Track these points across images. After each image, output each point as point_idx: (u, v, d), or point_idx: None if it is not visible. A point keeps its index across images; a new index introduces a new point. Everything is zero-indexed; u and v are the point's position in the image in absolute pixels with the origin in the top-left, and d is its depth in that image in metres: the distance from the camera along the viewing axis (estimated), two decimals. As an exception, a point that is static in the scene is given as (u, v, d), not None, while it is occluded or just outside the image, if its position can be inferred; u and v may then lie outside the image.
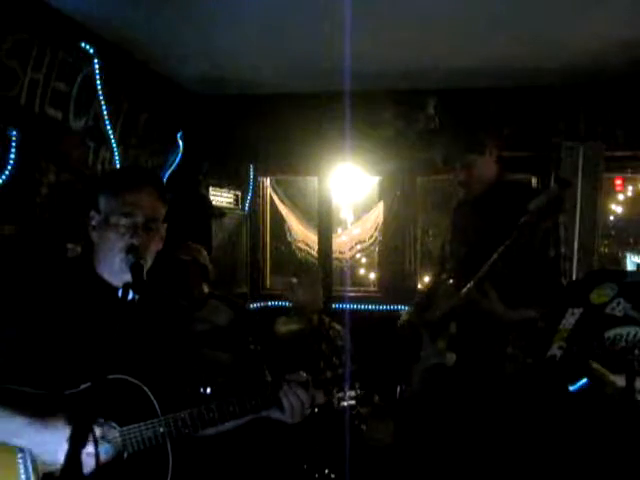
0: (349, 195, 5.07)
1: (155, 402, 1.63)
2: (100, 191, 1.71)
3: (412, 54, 3.65)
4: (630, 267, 5.29)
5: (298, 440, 2.89)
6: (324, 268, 4.29)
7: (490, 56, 3.65)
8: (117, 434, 1.56)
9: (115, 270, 1.64)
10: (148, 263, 1.66)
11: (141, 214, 1.66)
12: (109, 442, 1.54)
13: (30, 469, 1.49)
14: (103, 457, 1.51)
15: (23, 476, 1.48)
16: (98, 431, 1.50)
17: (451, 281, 2.60)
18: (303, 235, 5.06)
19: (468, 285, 2.41)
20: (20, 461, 1.49)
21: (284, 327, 3.53)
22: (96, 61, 3.23)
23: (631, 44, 3.38)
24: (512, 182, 2.65)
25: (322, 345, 3.33)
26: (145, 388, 1.62)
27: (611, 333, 1.91)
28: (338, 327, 3.55)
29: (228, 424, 1.72)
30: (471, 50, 3.55)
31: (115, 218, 1.64)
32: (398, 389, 2.76)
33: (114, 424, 1.57)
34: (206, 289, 3.35)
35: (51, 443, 1.44)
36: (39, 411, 1.48)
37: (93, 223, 1.70)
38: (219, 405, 1.67)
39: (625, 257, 5.42)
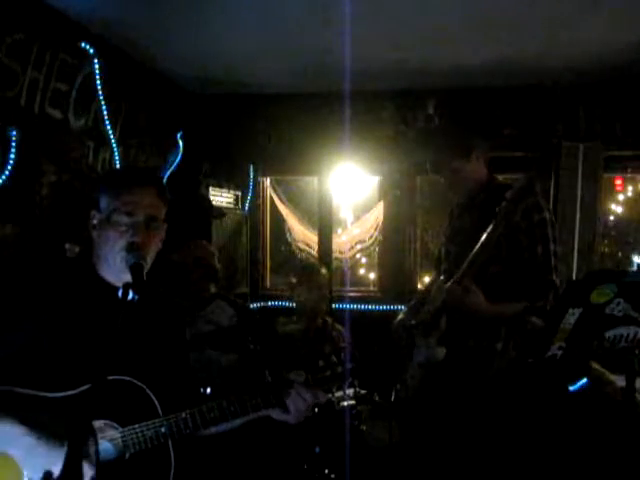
0: (349, 195, 5.06)
1: (156, 402, 1.63)
2: (101, 190, 1.71)
3: (412, 54, 3.65)
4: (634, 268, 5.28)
5: (298, 440, 2.89)
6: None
7: (490, 56, 3.65)
8: (118, 434, 1.56)
9: (115, 269, 1.65)
10: (148, 263, 1.66)
11: (142, 213, 1.66)
12: (110, 442, 1.54)
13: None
14: (105, 457, 1.51)
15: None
16: (99, 431, 1.49)
17: (442, 277, 2.62)
18: (303, 235, 5.06)
19: (450, 280, 2.43)
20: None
21: (284, 327, 3.53)
22: (96, 61, 3.23)
23: (631, 45, 3.39)
24: (502, 184, 2.66)
25: (325, 346, 3.33)
26: (146, 389, 1.62)
27: (611, 333, 1.91)
28: (340, 328, 3.55)
29: (229, 424, 1.72)
30: (471, 50, 3.55)
31: (116, 217, 1.65)
32: (393, 390, 2.77)
33: (115, 424, 1.57)
34: (213, 289, 3.34)
35: (43, 459, 1.43)
36: (38, 420, 1.46)
37: (94, 222, 1.70)
38: (220, 404, 1.67)
39: (629, 258, 5.41)
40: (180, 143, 4.26)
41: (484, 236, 2.33)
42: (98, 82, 3.28)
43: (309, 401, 1.73)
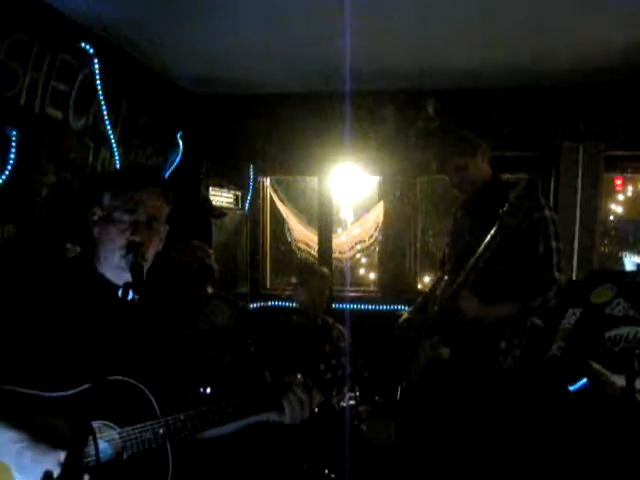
0: (349, 195, 5.06)
1: (155, 403, 1.62)
2: (105, 188, 1.71)
3: (412, 54, 3.64)
4: (629, 267, 5.27)
5: (298, 440, 2.89)
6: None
7: (490, 57, 3.65)
8: (116, 435, 1.56)
9: (115, 267, 1.64)
10: (148, 262, 1.66)
11: (144, 212, 1.66)
12: (108, 443, 1.54)
13: None
14: (102, 458, 1.51)
15: None
16: (97, 432, 1.49)
17: (446, 277, 2.62)
18: (303, 235, 5.06)
19: (454, 282, 2.43)
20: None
21: (285, 327, 3.53)
22: (96, 61, 3.23)
23: (630, 45, 3.38)
24: (505, 182, 2.67)
25: (325, 346, 3.33)
26: (145, 389, 1.62)
27: (611, 333, 1.91)
28: (341, 328, 3.55)
29: (228, 427, 1.72)
30: (471, 50, 3.54)
31: (118, 214, 1.65)
32: (399, 389, 2.77)
33: (113, 425, 1.56)
34: (210, 289, 3.34)
35: (32, 470, 1.41)
36: (32, 424, 1.45)
37: (95, 218, 1.70)
38: (219, 407, 1.67)
39: (625, 256, 5.41)
40: (180, 143, 4.27)
41: (487, 239, 2.33)
42: (98, 82, 3.28)
43: (305, 401, 1.73)
